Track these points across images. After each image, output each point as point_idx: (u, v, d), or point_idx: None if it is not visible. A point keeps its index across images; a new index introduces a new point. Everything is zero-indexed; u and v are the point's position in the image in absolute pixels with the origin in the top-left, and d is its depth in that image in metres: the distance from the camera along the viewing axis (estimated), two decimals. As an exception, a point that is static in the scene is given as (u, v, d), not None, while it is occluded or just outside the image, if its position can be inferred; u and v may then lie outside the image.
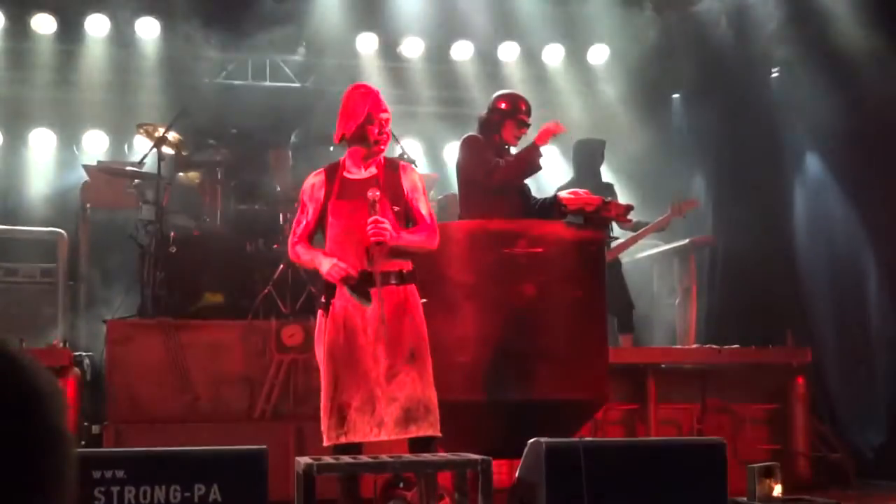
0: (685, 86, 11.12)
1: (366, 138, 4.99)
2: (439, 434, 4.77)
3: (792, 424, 7.93)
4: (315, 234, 5.12)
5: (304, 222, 5.06)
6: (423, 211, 5.01)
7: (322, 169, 5.20)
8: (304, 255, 5.02)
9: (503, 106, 6.46)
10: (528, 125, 6.51)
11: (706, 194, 10.43)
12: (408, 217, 5.03)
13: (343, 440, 4.68)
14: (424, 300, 5.05)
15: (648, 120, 11.17)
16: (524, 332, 5.61)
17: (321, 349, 4.91)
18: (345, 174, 5.04)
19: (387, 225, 4.81)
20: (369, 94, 5.06)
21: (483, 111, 6.60)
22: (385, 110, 5.05)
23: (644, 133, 11.10)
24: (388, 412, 4.71)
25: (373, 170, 5.02)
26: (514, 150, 6.70)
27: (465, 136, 6.63)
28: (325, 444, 4.76)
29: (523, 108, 6.48)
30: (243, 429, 7.15)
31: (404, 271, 4.93)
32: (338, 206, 4.95)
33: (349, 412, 4.73)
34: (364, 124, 4.98)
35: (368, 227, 4.77)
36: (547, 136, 6.42)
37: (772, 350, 8.04)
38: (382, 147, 5.05)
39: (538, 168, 6.41)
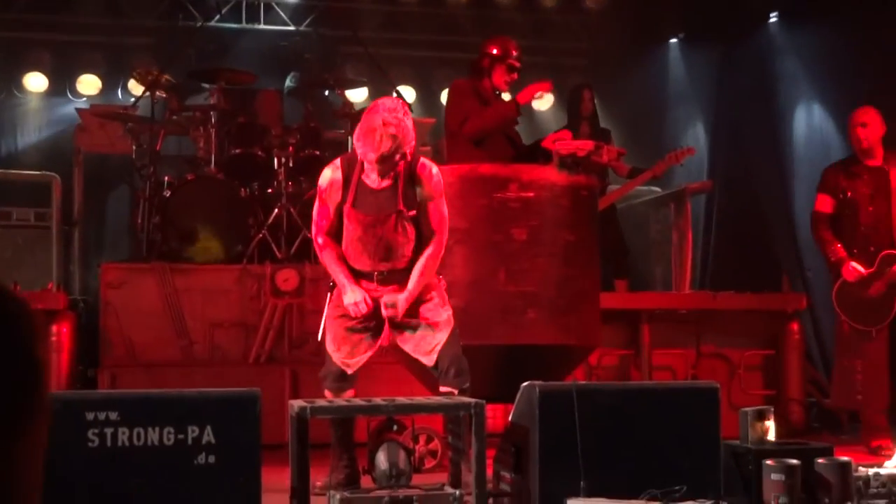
0: (682, 31, 11.03)
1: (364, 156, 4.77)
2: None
3: (786, 370, 7.96)
4: (338, 226, 4.95)
5: (326, 219, 4.93)
6: (434, 220, 4.86)
7: (339, 163, 4.95)
8: (329, 265, 4.94)
9: (493, 51, 6.42)
10: (518, 69, 6.47)
11: (703, 140, 10.40)
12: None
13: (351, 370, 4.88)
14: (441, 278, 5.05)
15: (645, 66, 11.12)
16: (515, 277, 5.61)
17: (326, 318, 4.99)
18: (362, 178, 4.86)
19: (397, 304, 4.80)
20: (374, 111, 4.74)
21: (475, 56, 6.58)
22: (388, 124, 4.64)
23: (641, 79, 11.05)
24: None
25: (388, 181, 4.81)
26: (505, 96, 6.68)
27: (455, 82, 6.62)
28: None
29: (513, 52, 6.44)
30: (238, 373, 7.17)
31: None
32: (353, 213, 4.85)
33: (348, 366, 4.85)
34: (365, 152, 4.72)
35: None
36: (530, 94, 6.43)
37: (767, 296, 8.04)
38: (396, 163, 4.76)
39: (512, 121, 6.38)
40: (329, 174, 4.93)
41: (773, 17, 9.93)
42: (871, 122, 6.65)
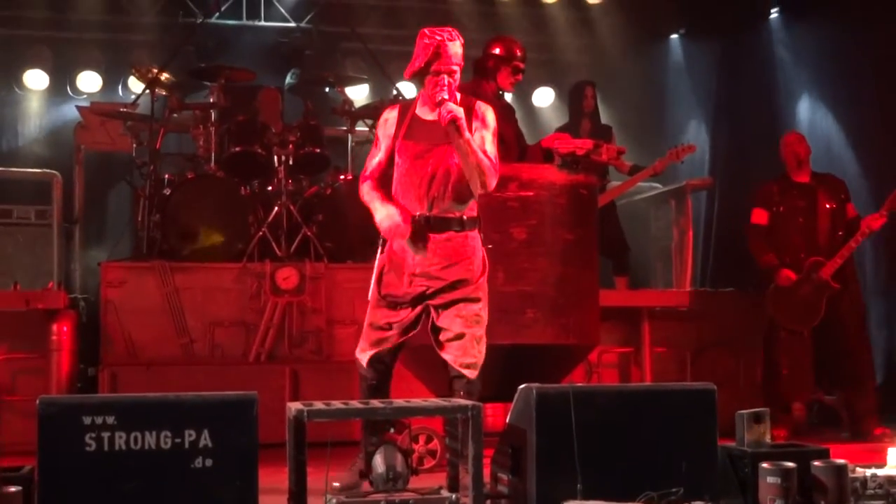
0: (684, 27, 11.02)
1: (426, 86, 4.89)
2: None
3: (786, 368, 7.97)
4: (388, 171, 4.97)
5: (377, 158, 4.98)
6: (489, 151, 4.81)
7: (397, 104, 5.12)
8: (365, 194, 4.92)
9: (497, 51, 6.38)
10: (522, 71, 6.43)
11: (703, 137, 10.39)
12: None
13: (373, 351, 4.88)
14: (490, 246, 5.03)
15: (646, 62, 11.10)
16: (514, 277, 5.61)
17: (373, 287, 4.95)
18: (416, 113, 4.94)
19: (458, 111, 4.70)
20: (431, 45, 4.86)
21: (476, 53, 6.54)
22: (448, 62, 4.81)
23: (642, 75, 11.03)
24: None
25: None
26: (508, 96, 6.66)
27: (461, 84, 6.58)
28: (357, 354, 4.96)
29: (518, 53, 6.40)
30: (238, 372, 7.19)
31: (465, 217, 4.86)
32: (405, 145, 4.87)
33: (386, 334, 4.89)
34: (422, 74, 4.88)
35: (438, 107, 4.71)
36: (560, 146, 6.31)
37: (762, 293, 8.04)
38: (452, 99, 4.80)
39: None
40: (386, 113, 5.06)
41: (774, 13, 9.91)
42: (801, 144, 7.53)
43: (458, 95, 4.90)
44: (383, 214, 4.80)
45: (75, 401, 3.89)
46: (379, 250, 4.98)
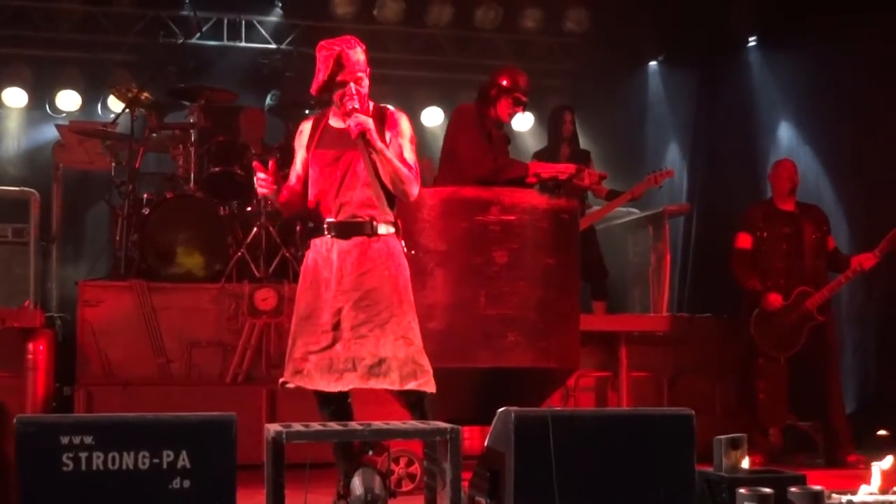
0: (662, 53, 11.10)
1: (334, 99, 4.83)
2: (395, 387, 4.72)
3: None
4: (305, 182, 4.90)
5: (294, 171, 4.95)
6: (408, 158, 4.79)
7: (312, 116, 5.06)
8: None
9: (503, 82, 6.36)
10: (523, 104, 6.42)
11: (681, 163, 10.45)
12: None
13: (294, 384, 4.74)
14: (412, 252, 4.99)
15: (625, 88, 11.17)
16: (495, 300, 5.62)
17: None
18: (329, 122, 4.90)
19: (367, 121, 4.66)
20: (331, 56, 4.78)
21: (485, 80, 6.52)
22: (353, 70, 4.75)
23: (621, 101, 11.10)
24: (349, 365, 4.69)
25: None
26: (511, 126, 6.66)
27: (460, 106, 6.61)
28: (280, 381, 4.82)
29: (522, 86, 6.37)
30: (216, 392, 7.17)
31: (375, 222, 4.77)
32: (317, 154, 4.82)
33: (305, 365, 4.72)
34: (328, 88, 4.80)
35: (348, 119, 4.65)
36: (551, 171, 6.33)
37: (743, 320, 8.07)
38: (360, 106, 4.75)
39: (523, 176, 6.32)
40: (302, 125, 5.00)
41: (752, 41, 10.01)
42: (790, 173, 7.59)
43: (371, 104, 4.87)
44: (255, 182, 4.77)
45: (53, 420, 3.86)
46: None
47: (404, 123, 4.88)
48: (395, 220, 4.83)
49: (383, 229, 4.78)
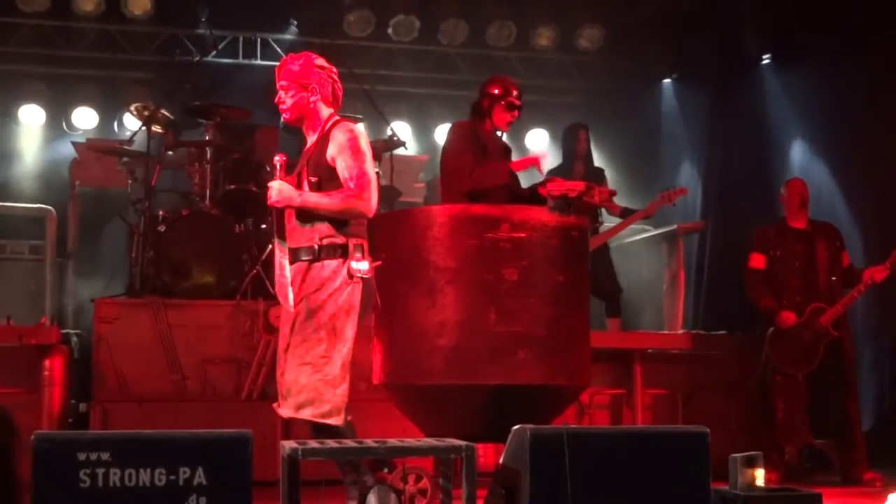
0: (676, 71, 11.12)
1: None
2: (293, 414, 4.81)
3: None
4: None
5: None
6: (345, 174, 4.79)
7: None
8: None
9: (494, 91, 6.45)
10: (518, 108, 6.48)
11: (695, 180, 10.46)
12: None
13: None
14: (366, 277, 4.91)
15: (639, 105, 11.19)
16: (505, 317, 5.61)
17: None
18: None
19: (282, 188, 4.78)
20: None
21: (471, 94, 6.61)
22: (280, 79, 4.98)
23: (634, 118, 11.12)
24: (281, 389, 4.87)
25: (314, 138, 4.97)
26: (507, 137, 6.71)
27: (454, 123, 6.65)
28: None
29: (513, 92, 6.46)
30: (230, 409, 7.17)
31: (317, 246, 4.81)
32: (286, 179, 4.93)
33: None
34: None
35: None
36: (524, 164, 6.44)
37: (758, 337, 8.06)
38: (284, 116, 5.01)
39: (505, 182, 6.38)
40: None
41: (766, 59, 10.02)
42: (800, 190, 7.58)
43: (329, 122, 4.93)
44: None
45: (70, 437, 3.89)
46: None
47: (340, 136, 4.86)
48: (344, 243, 4.83)
49: (327, 253, 4.81)
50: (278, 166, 4.88)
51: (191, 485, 3.72)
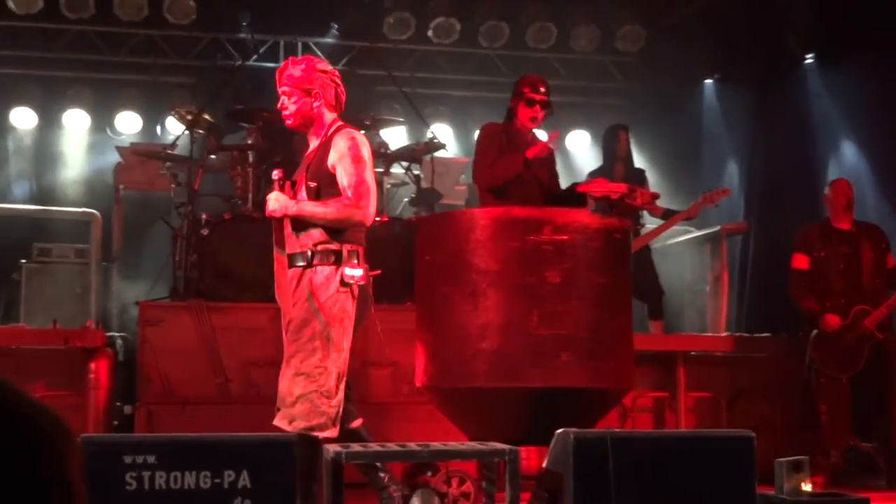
0: (718, 71, 11.06)
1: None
2: (286, 427, 4.69)
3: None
4: None
5: None
6: (343, 182, 4.77)
7: None
8: None
9: (517, 89, 6.47)
10: (540, 103, 6.40)
11: (738, 181, 10.39)
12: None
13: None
14: (360, 283, 4.88)
15: (680, 106, 11.13)
16: (548, 320, 5.60)
17: None
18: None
19: (279, 198, 4.81)
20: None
21: (510, 95, 6.63)
22: (282, 84, 4.98)
23: (676, 119, 11.06)
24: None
25: (316, 143, 4.97)
26: (539, 133, 6.72)
27: (482, 125, 6.69)
28: None
29: (531, 87, 6.43)
30: (273, 412, 7.18)
31: (310, 251, 4.80)
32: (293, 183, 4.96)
33: None
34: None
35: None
36: (540, 150, 6.36)
37: (802, 339, 7.99)
38: (287, 122, 5.01)
39: (518, 172, 6.34)
40: None
41: (809, 59, 9.93)
42: (845, 191, 7.52)
43: (332, 127, 4.94)
44: None
45: (116, 440, 3.94)
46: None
47: (342, 143, 4.84)
48: (338, 249, 4.80)
49: (321, 258, 4.79)
50: (275, 180, 4.92)
51: (235, 488, 3.75)
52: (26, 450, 0.97)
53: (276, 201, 4.85)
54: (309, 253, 4.79)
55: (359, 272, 4.77)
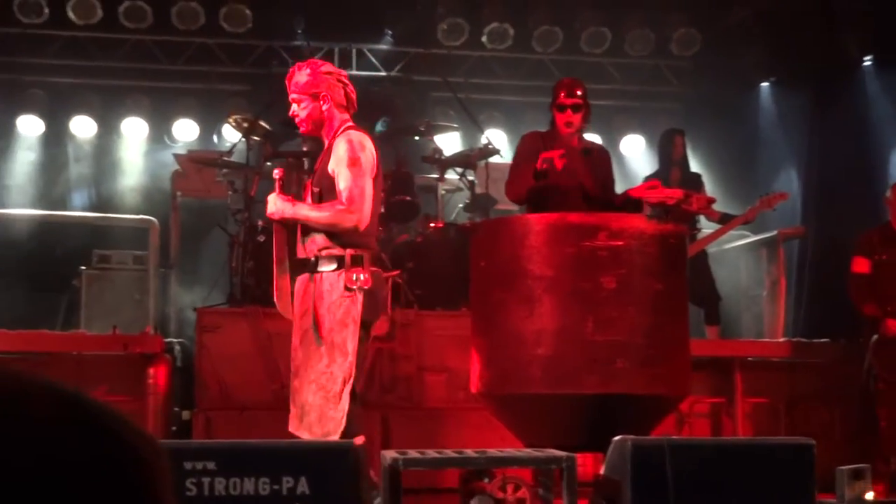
0: (774, 75, 10.96)
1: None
2: (303, 436, 4.66)
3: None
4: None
5: None
6: (339, 186, 4.75)
7: None
8: None
9: (552, 95, 6.40)
10: (567, 108, 6.25)
11: (795, 185, 10.29)
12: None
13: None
14: (366, 287, 4.84)
15: (736, 110, 11.05)
16: (603, 326, 5.58)
17: None
18: None
19: (276, 200, 4.82)
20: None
21: None
22: (290, 92, 5.01)
23: (732, 123, 10.98)
24: (293, 408, 4.82)
25: (326, 144, 4.99)
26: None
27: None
28: None
29: (561, 92, 6.29)
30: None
31: (314, 258, 4.80)
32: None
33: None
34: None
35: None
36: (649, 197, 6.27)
37: (862, 344, 7.89)
38: (301, 129, 5.03)
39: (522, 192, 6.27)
40: None
41: (868, 61, 9.81)
42: None
43: (341, 127, 4.93)
44: None
45: (176, 446, 3.99)
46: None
47: (342, 147, 4.82)
48: (341, 255, 4.78)
49: (324, 265, 4.78)
50: (276, 180, 4.94)
51: (294, 494, 3.77)
52: (119, 471, 0.90)
53: (273, 204, 4.88)
54: (312, 259, 4.81)
55: (363, 276, 4.75)
